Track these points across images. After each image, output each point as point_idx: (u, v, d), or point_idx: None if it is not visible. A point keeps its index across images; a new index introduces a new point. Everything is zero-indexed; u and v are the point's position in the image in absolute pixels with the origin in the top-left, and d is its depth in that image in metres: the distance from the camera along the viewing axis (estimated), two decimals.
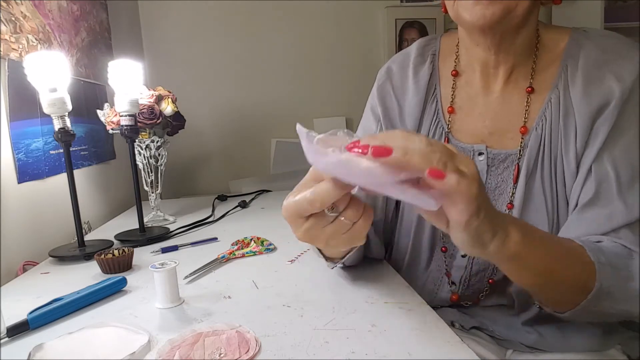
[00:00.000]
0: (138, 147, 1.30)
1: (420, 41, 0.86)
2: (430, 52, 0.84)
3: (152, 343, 0.60)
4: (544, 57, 0.73)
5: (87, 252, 1.00)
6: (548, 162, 0.71)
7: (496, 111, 0.76)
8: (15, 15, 1.09)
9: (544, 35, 0.74)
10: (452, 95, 0.80)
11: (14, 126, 1.05)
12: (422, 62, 0.83)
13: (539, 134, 0.72)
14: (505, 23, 0.66)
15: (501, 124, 0.75)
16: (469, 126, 0.78)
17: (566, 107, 0.69)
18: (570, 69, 0.70)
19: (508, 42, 0.71)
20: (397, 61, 0.87)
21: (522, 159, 0.73)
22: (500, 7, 0.64)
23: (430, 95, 0.81)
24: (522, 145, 0.73)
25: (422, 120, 0.81)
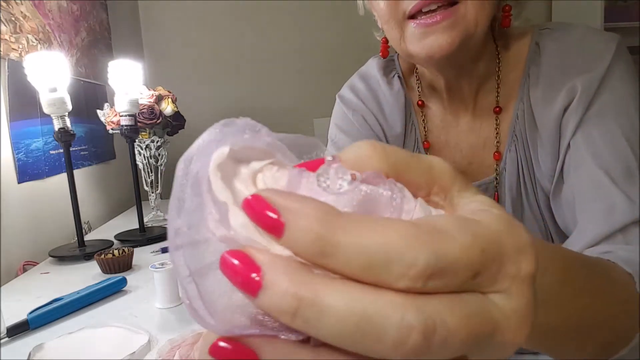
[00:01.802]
0: (138, 147, 1.30)
1: (378, 62, 0.74)
2: (393, 74, 0.73)
3: (152, 343, 0.60)
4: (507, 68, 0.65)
5: (87, 252, 1.00)
6: (530, 185, 0.64)
7: (469, 139, 0.68)
8: (15, 15, 1.09)
9: (503, 44, 0.66)
10: (424, 128, 0.70)
11: (14, 126, 1.05)
12: (391, 87, 0.72)
13: (513, 156, 0.64)
14: (467, 49, 0.56)
15: (477, 152, 0.68)
16: (448, 160, 0.71)
17: (530, 119, 0.62)
18: (531, 77, 0.62)
19: (470, 67, 0.63)
20: (361, 84, 0.74)
21: (500, 187, 0.66)
22: (459, 32, 0.53)
23: (409, 124, 0.71)
24: (498, 171, 0.66)
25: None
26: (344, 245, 0.15)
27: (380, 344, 0.15)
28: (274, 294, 0.15)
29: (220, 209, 0.17)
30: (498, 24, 0.62)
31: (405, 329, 0.14)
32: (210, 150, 0.19)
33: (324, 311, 0.15)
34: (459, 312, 0.15)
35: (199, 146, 0.19)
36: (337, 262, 0.15)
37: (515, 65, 0.64)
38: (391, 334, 0.14)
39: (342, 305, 0.15)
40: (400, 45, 0.58)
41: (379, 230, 0.15)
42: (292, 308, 0.15)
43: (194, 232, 0.18)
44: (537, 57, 0.62)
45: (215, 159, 0.18)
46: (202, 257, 0.18)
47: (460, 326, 0.15)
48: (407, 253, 0.15)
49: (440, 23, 0.53)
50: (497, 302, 0.16)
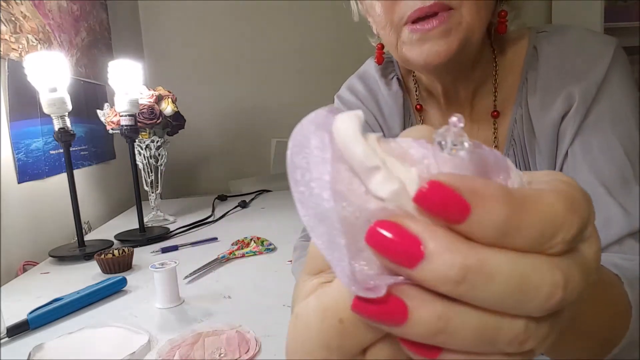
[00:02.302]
0: (138, 147, 1.30)
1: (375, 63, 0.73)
2: (391, 76, 0.72)
3: (152, 343, 0.60)
4: (504, 72, 0.64)
5: (87, 252, 1.00)
6: None
7: None
8: (15, 15, 1.09)
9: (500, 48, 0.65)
10: None
11: (14, 126, 1.05)
12: (389, 88, 0.71)
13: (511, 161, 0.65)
14: (464, 55, 0.56)
15: None
16: None
17: (528, 124, 0.62)
18: (529, 82, 0.62)
19: (466, 72, 0.62)
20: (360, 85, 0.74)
21: None
22: (456, 38, 0.52)
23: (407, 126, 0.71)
24: None
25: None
26: (525, 223, 0.16)
27: (532, 301, 0.16)
28: (439, 265, 0.15)
29: (364, 179, 0.16)
30: (494, 29, 0.62)
31: (554, 286, 0.16)
32: (328, 121, 0.17)
33: (491, 277, 0.16)
34: (578, 267, 0.17)
35: (312, 118, 0.18)
36: (514, 240, 0.16)
37: (513, 69, 0.64)
38: (544, 292, 0.16)
39: (506, 270, 0.16)
40: (396, 51, 0.58)
41: (548, 204, 0.17)
42: (460, 276, 0.15)
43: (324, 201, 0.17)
44: (534, 61, 0.61)
45: (355, 121, 0.17)
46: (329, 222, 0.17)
47: (580, 279, 0.17)
48: (567, 222, 0.16)
49: (437, 28, 0.52)
50: (586, 250, 0.18)
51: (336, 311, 0.18)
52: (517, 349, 0.17)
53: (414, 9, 0.52)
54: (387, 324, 0.17)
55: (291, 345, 0.21)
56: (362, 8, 0.63)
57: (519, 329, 0.17)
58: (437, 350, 0.17)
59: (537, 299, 0.16)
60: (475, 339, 0.17)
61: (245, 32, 1.99)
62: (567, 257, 0.17)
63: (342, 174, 0.17)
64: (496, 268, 0.16)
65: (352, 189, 0.16)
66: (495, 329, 0.17)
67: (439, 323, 0.16)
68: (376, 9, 0.57)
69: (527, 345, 0.17)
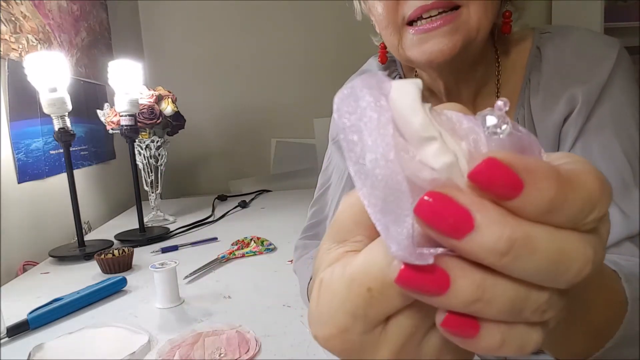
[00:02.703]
0: (138, 147, 1.30)
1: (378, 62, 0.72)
2: (394, 75, 0.72)
3: (152, 343, 0.60)
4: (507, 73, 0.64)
5: (87, 252, 1.00)
6: None
7: None
8: (15, 15, 1.09)
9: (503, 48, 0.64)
10: None
11: (14, 126, 1.05)
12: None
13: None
14: (467, 55, 0.55)
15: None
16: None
17: (530, 126, 0.61)
18: (532, 83, 0.61)
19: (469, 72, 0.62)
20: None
21: None
22: (461, 36, 0.52)
23: None
24: None
25: None
26: (570, 201, 0.17)
27: (565, 274, 0.17)
28: (488, 236, 0.16)
29: (416, 149, 0.17)
30: (498, 29, 0.61)
31: (586, 260, 0.17)
32: (385, 85, 0.17)
33: (534, 250, 0.16)
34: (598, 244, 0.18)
35: (368, 83, 0.17)
36: (558, 216, 0.17)
37: (515, 70, 0.64)
38: (577, 265, 0.17)
39: (547, 245, 0.17)
40: (398, 51, 0.57)
41: (588, 184, 0.17)
42: (506, 248, 0.16)
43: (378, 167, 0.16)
44: (537, 62, 0.61)
45: (415, 90, 0.17)
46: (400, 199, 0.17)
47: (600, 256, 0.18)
48: (601, 201, 0.17)
49: (441, 28, 0.52)
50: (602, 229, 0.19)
51: (364, 280, 0.19)
52: (539, 317, 0.18)
53: (415, 7, 0.52)
54: (429, 293, 0.17)
55: (314, 311, 0.21)
56: (364, 7, 0.63)
57: (543, 300, 0.18)
58: (477, 328, 0.18)
59: (570, 272, 0.17)
60: (507, 308, 0.17)
61: (245, 32, 1.99)
62: (595, 234, 0.18)
63: (399, 144, 0.17)
64: (539, 242, 0.16)
65: (407, 156, 0.16)
66: (525, 299, 0.18)
67: (477, 292, 0.17)
68: (378, 9, 0.56)
69: (547, 315, 0.18)
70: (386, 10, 0.55)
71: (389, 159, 0.16)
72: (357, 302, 0.19)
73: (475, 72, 0.62)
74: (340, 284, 0.20)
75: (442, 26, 0.52)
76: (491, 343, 0.18)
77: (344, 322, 0.20)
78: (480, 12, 0.52)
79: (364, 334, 0.20)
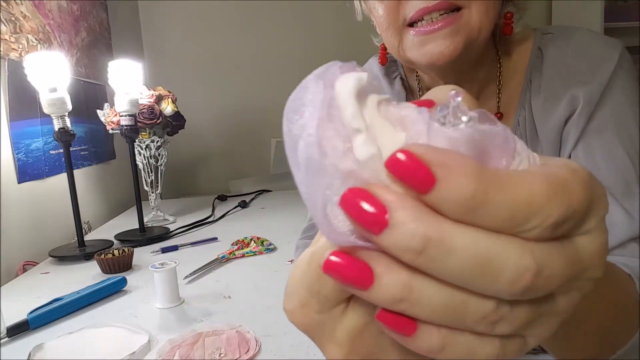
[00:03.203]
0: (138, 147, 1.30)
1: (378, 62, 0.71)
2: (394, 75, 0.71)
3: (152, 343, 0.60)
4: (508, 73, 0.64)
5: (87, 252, 1.00)
6: None
7: None
8: (15, 15, 1.09)
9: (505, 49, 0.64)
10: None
11: (14, 126, 1.05)
12: (392, 87, 0.70)
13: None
14: (468, 56, 0.55)
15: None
16: None
17: (532, 127, 0.61)
18: (533, 84, 0.61)
19: (470, 73, 0.61)
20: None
21: None
22: (462, 38, 0.51)
23: None
24: None
25: None
26: (495, 202, 0.15)
27: (495, 283, 0.16)
28: (400, 234, 0.16)
29: (345, 139, 0.17)
30: (499, 30, 0.61)
31: (521, 270, 0.16)
32: (333, 77, 0.18)
33: (450, 251, 0.16)
34: (561, 257, 0.17)
35: (324, 71, 0.18)
36: (481, 218, 0.16)
37: (517, 71, 0.63)
38: (508, 274, 0.16)
39: (467, 247, 0.16)
40: (399, 52, 0.57)
41: (525, 186, 0.16)
42: (420, 246, 0.16)
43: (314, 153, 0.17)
44: (539, 63, 0.61)
45: (354, 83, 0.17)
46: (317, 176, 0.17)
47: (560, 270, 0.16)
48: (547, 206, 0.16)
49: (442, 30, 0.51)
50: (583, 243, 0.18)
51: (320, 256, 0.18)
52: (488, 329, 0.17)
53: (417, 9, 0.51)
54: (353, 286, 0.17)
55: (286, 285, 0.22)
56: (365, 8, 0.63)
57: (488, 309, 0.17)
58: (413, 327, 0.17)
59: (500, 280, 0.16)
60: (439, 312, 0.17)
61: (245, 32, 1.99)
62: (549, 244, 0.16)
63: (328, 130, 0.17)
64: (457, 243, 0.16)
65: (334, 145, 0.17)
66: (461, 305, 0.17)
67: (403, 291, 0.16)
68: (378, 11, 0.56)
69: (500, 328, 0.17)
70: (387, 11, 0.55)
71: (308, 146, 0.17)
72: (313, 277, 0.20)
73: (476, 73, 0.62)
74: (303, 259, 0.21)
75: (443, 28, 0.51)
76: (429, 345, 0.18)
77: (303, 296, 0.20)
78: (482, 13, 0.52)
79: (320, 312, 0.20)
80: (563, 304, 0.18)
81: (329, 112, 0.17)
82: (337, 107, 0.17)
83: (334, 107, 0.17)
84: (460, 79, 0.61)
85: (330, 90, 0.17)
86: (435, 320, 0.17)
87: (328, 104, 0.17)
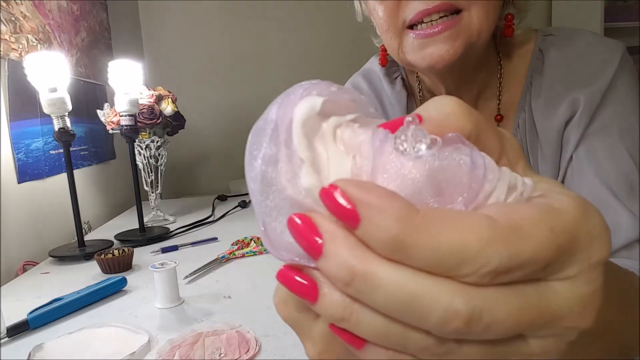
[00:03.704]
0: (138, 147, 1.30)
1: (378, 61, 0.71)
2: (395, 75, 0.71)
3: (152, 343, 0.60)
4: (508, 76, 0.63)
5: (87, 252, 1.00)
6: None
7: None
8: (15, 15, 1.09)
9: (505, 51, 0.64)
10: None
11: (14, 126, 1.05)
12: (393, 87, 0.70)
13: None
14: (468, 59, 0.55)
15: None
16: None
17: (532, 129, 0.61)
18: (534, 86, 0.61)
19: (471, 75, 0.61)
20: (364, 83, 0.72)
21: None
22: (462, 41, 0.51)
23: None
24: None
25: None
26: (419, 246, 0.15)
27: (424, 321, 0.16)
28: (332, 264, 0.16)
29: (295, 166, 0.17)
30: (500, 32, 0.61)
31: (450, 313, 0.15)
32: (295, 101, 0.18)
33: (376, 287, 0.16)
34: (510, 304, 0.16)
35: (287, 94, 0.18)
36: (408, 259, 0.16)
37: (517, 73, 0.63)
38: (436, 316, 0.15)
39: (393, 284, 0.16)
40: (398, 55, 0.56)
41: (456, 231, 0.15)
42: (347, 279, 0.16)
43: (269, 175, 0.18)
44: (540, 65, 0.61)
45: (304, 112, 0.17)
46: (270, 199, 0.18)
47: (508, 317, 0.16)
48: (481, 255, 0.15)
49: (442, 33, 0.51)
50: (559, 290, 0.16)
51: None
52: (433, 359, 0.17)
53: (417, 11, 0.51)
54: (302, 298, 0.18)
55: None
56: (365, 8, 0.63)
57: (428, 343, 0.17)
58: (362, 343, 0.18)
59: (429, 320, 0.16)
60: (380, 337, 0.17)
61: (245, 32, 1.99)
62: (495, 290, 0.16)
63: (281, 156, 0.17)
64: (383, 280, 0.16)
65: (283, 172, 0.17)
66: (402, 335, 0.17)
67: (344, 312, 0.17)
68: (378, 12, 0.56)
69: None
70: (387, 13, 0.54)
71: (257, 165, 0.18)
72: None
73: (476, 75, 0.62)
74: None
75: (443, 31, 0.51)
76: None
77: (283, 293, 0.21)
78: (482, 16, 0.52)
79: (298, 311, 0.21)
80: (537, 348, 0.17)
81: (286, 140, 0.17)
82: (290, 136, 0.17)
83: (289, 134, 0.17)
84: (460, 81, 0.61)
85: (289, 117, 0.18)
86: (378, 343, 0.17)
87: (286, 131, 0.17)
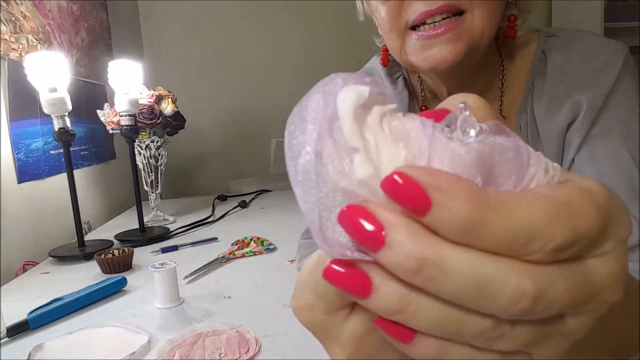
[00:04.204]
0: (138, 147, 1.30)
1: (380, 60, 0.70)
2: (397, 75, 0.71)
3: (152, 343, 0.60)
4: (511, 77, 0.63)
5: (87, 252, 1.00)
6: None
7: None
8: (15, 15, 1.09)
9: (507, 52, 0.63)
10: None
11: (14, 126, 1.05)
12: (394, 86, 0.70)
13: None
14: (470, 60, 0.54)
15: None
16: None
17: (534, 130, 0.61)
18: (536, 88, 0.60)
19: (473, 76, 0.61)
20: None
21: None
22: (464, 43, 0.51)
23: None
24: None
25: None
26: (492, 226, 0.15)
27: (493, 303, 0.16)
28: (397, 254, 0.16)
29: (344, 156, 0.17)
30: (502, 33, 0.60)
31: (519, 293, 0.15)
32: (335, 91, 0.17)
33: (446, 273, 0.16)
34: (568, 280, 0.16)
35: (326, 82, 0.18)
36: (479, 240, 0.16)
37: (519, 74, 0.63)
38: (506, 296, 0.16)
39: (464, 269, 0.16)
40: (401, 56, 0.56)
41: (525, 209, 0.16)
42: (415, 267, 0.16)
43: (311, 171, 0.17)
44: (542, 67, 0.60)
45: (352, 100, 0.17)
46: (321, 192, 0.17)
47: (566, 294, 0.16)
48: (548, 230, 0.15)
49: (445, 35, 0.51)
50: (596, 266, 0.17)
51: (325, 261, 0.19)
52: (487, 345, 0.17)
53: (420, 12, 0.51)
54: (352, 294, 0.17)
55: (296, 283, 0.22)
56: (367, 8, 0.63)
57: (486, 327, 0.17)
58: (411, 336, 0.18)
59: (498, 302, 0.16)
60: (437, 326, 0.17)
61: (245, 31, 1.99)
62: (552, 267, 0.16)
63: (328, 147, 0.17)
64: (453, 265, 0.16)
65: (334, 163, 0.17)
66: (459, 321, 0.17)
67: (400, 303, 0.17)
68: (381, 13, 0.55)
69: (501, 345, 0.17)
70: (389, 13, 0.54)
71: (307, 160, 0.17)
72: (319, 280, 0.19)
73: (478, 76, 0.61)
74: (311, 260, 0.21)
75: (445, 33, 0.51)
76: (426, 354, 0.18)
77: (309, 296, 0.21)
78: (485, 17, 0.51)
79: (326, 313, 0.20)
80: (573, 326, 0.18)
81: (329, 129, 0.17)
82: (338, 124, 0.17)
83: (334, 123, 0.17)
84: (462, 82, 0.61)
85: (332, 106, 0.17)
86: (432, 333, 0.17)
87: (329, 120, 0.17)
